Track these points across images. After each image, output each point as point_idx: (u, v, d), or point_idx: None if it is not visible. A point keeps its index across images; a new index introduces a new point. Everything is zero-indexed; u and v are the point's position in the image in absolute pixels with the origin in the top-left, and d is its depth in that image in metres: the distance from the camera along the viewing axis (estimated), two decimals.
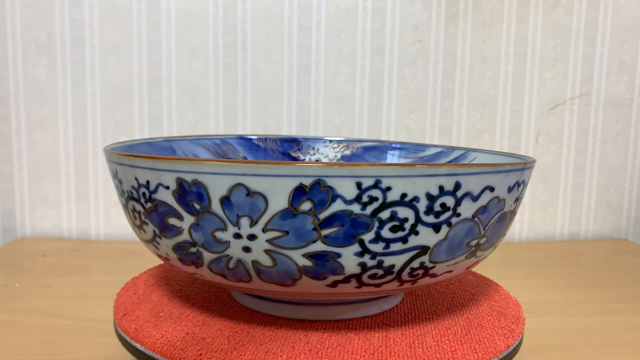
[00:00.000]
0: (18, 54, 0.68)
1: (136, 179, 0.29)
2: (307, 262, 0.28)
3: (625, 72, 0.74)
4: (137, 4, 0.68)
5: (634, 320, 0.48)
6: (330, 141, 0.53)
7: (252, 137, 0.50)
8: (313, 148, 0.52)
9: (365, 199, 0.26)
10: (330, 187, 0.26)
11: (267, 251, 0.28)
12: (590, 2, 0.72)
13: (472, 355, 0.33)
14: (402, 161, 0.54)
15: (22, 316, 0.45)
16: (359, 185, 0.26)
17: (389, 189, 0.26)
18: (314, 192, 0.26)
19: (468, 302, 0.42)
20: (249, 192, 0.27)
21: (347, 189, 0.26)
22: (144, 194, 0.29)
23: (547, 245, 0.72)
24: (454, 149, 0.53)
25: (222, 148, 0.48)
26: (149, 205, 0.29)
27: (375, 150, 0.54)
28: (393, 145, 0.55)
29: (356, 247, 0.27)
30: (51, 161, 0.70)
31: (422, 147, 0.54)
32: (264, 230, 0.27)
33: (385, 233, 0.27)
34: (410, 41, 0.71)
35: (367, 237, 0.27)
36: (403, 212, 0.27)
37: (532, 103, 0.73)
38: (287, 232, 0.27)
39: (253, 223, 0.27)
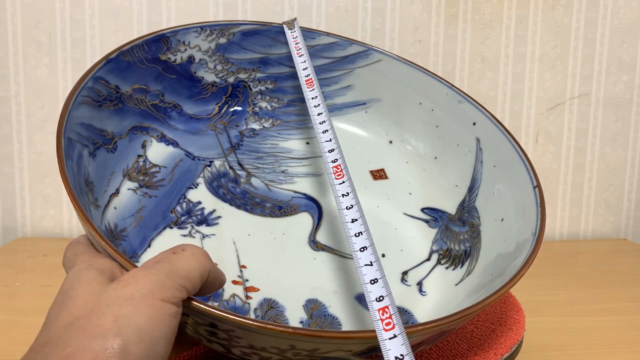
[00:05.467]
0: (19, 54, 0.68)
1: None
2: None
3: (625, 72, 0.74)
4: (137, 4, 0.68)
5: (633, 320, 0.48)
6: (202, 28, 0.47)
7: (117, 52, 0.43)
8: (184, 43, 0.47)
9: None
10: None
11: None
12: (589, 2, 0.72)
13: None
14: (285, 48, 0.49)
15: (22, 316, 0.45)
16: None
17: None
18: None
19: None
20: None
21: None
22: None
23: (547, 245, 0.72)
24: (352, 42, 0.49)
25: (95, 90, 0.41)
26: None
27: (257, 35, 0.49)
28: (277, 29, 0.49)
29: None
30: (52, 161, 0.70)
31: (311, 33, 0.50)
32: None
33: None
34: (410, 41, 0.71)
35: None
36: None
37: (532, 103, 0.73)
38: None
39: None
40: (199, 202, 0.44)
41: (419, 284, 0.42)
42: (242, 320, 0.27)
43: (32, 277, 0.56)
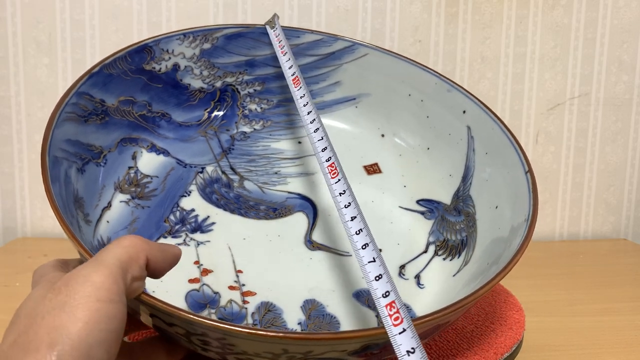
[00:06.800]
0: (19, 54, 0.68)
1: None
2: None
3: (625, 73, 0.74)
4: (137, 4, 0.68)
5: (632, 320, 0.48)
6: (185, 35, 0.46)
7: (100, 66, 0.42)
8: (167, 51, 0.46)
9: None
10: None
11: None
12: (589, 2, 0.72)
13: None
14: (270, 49, 0.49)
15: None
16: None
17: None
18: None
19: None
20: None
21: None
22: None
23: (547, 245, 0.72)
24: (337, 38, 0.49)
25: (79, 105, 0.40)
26: None
27: (240, 38, 0.49)
28: (260, 30, 0.49)
29: None
30: None
31: (295, 32, 0.50)
32: None
33: None
34: (410, 41, 0.71)
35: None
36: None
37: (532, 103, 0.73)
38: None
39: None
40: (193, 210, 0.44)
41: (417, 277, 0.42)
42: (232, 328, 0.27)
43: (31, 277, 0.55)
